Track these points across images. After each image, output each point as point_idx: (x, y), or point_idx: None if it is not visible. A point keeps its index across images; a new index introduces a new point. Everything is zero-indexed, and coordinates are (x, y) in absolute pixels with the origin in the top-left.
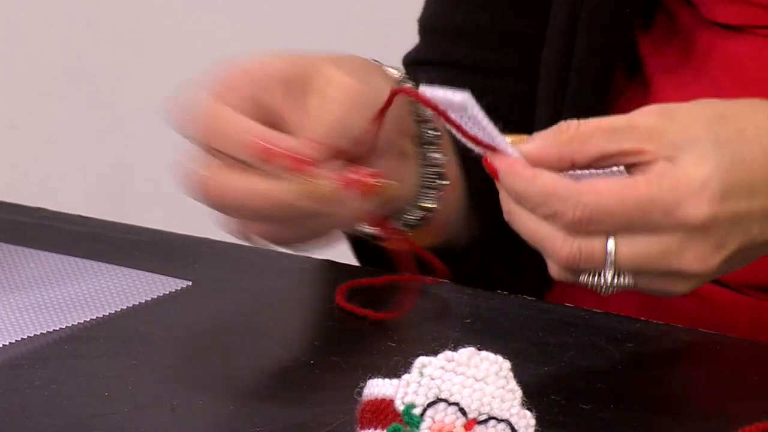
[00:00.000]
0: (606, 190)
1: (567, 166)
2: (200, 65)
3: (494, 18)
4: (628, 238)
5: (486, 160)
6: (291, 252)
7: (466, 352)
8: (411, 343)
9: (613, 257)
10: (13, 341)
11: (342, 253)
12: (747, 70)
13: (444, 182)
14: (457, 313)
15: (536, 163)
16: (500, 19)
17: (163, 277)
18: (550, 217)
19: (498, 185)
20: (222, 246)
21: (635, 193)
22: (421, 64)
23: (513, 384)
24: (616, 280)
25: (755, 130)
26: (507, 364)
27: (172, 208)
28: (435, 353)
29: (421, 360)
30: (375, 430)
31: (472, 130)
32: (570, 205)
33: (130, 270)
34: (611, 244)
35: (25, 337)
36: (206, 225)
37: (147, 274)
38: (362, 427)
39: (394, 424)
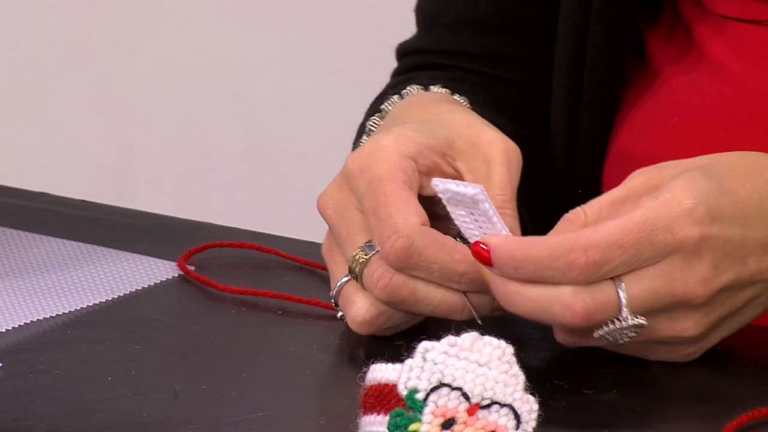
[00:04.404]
0: (608, 226)
1: None
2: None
3: (497, 4)
4: (633, 276)
5: (477, 245)
6: (293, 237)
7: (469, 337)
8: (414, 328)
9: (626, 298)
10: (16, 326)
11: None
12: (747, 53)
13: None
14: None
15: None
16: (503, 5)
17: (166, 262)
18: (558, 273)
19: (488, 275)
20: (224, 230)
21: (635, 219)
22: (420, 53)
23: (516, 369)
24: (632, 320)
25: (745, 169)
26: (510, 349)
27: (175, 193)
28: (438, 338)
29: (424, 345)
30: (378, 414)
31: (484, 226)
32: (579, 249)
33: (133, 255)
34: (621, 285)
35: (28, 321)
36: (209, 210)
37: (150, 258)
38: (365, 412)
39: (397, 409)
